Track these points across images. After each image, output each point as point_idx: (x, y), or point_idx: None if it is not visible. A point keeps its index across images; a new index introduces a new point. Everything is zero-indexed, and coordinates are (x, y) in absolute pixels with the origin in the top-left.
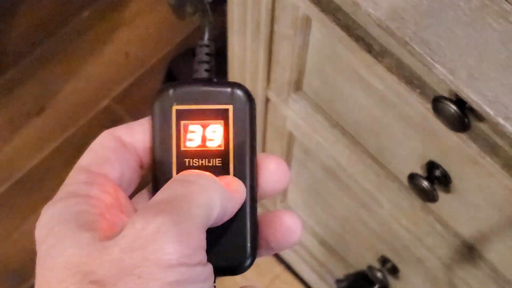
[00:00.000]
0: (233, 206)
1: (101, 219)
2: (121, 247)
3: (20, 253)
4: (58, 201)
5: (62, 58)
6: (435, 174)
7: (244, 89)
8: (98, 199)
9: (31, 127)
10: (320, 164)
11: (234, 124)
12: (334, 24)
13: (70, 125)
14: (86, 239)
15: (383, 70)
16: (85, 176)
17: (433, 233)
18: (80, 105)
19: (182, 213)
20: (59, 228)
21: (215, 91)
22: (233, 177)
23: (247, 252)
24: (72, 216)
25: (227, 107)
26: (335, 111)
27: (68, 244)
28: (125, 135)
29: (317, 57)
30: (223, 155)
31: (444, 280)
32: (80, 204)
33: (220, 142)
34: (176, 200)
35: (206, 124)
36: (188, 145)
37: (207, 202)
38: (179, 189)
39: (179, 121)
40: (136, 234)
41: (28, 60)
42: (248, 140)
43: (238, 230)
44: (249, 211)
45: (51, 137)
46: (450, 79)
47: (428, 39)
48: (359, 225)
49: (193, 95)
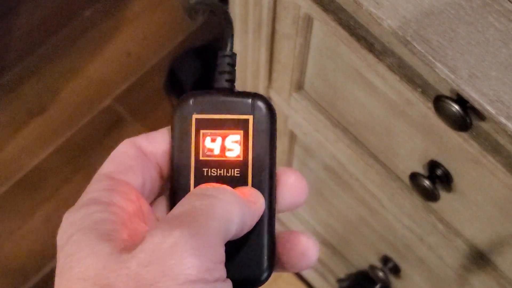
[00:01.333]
0: (252, 218)
1: (121, 229)
2: (139, 261)
3: (22, 252)
4: (79, 207)
5: (64, 57)
6: (436, 173)
7: (265, 100)
8: (120, 207)
9: (33, 126)
10: (322, 164)
11: (254, 134)
12: (335, 23)
13: (72, 124)
14: (104, 250)
15: (384, 69)
16: (108, 183)
17: (435, 233)
18: (82, 105)
19: (200, 226)
20: (78, 237)
21: (235, 101)
22: (251, 188)
23: (264, 265)
24: (92, 224)
25: (247, 117)
26: (337, 110)
27: (86, 254)
28: (145, 144)
29: (318, 56)
30: (242, 165)
31: (445, 279)
32: (102, 212)
33: (239, 152)
34: (194, 214)
35: (225, 134)
36: (207, 154)
37: (226, 216)
38: (197, 203)
39: (199, 130)
40: (154, 247)
41: (30, 59)
42: (268, 152)
43: (256, 242)
44: (267, 223)
45: (53, 136)
46: (452, 78)
47: (429, 38)
48: (361, 224)
49: (214, 104)
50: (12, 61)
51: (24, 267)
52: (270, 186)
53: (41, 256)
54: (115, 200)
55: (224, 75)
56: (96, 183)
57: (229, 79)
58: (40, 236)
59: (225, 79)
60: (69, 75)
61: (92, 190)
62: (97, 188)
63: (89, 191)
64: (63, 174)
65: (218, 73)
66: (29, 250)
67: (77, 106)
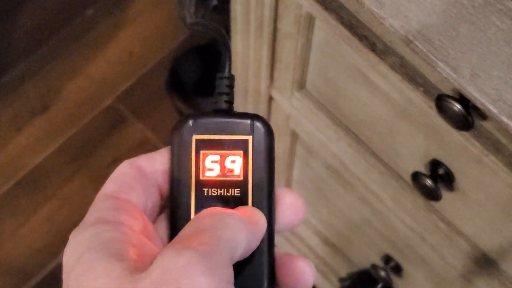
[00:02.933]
0: (256, 240)
1: (130, 248)
2: (152, 280)
3: (23, 251)
4: (87, 227)
5: (66, 57)
6: (438, 172)
7: (263, 121)
8: (128, 225)
9: (35, 125)
10: (323, 163)
11: (254, 155)
12: (337, 23)
13: (74, 123)
14: (117, 270)
15: (386, 69)
16: (113, 202)
17: (437, 232)
18: (83, 104)
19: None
20: (89, 256)
21: (235, 122)
22: (253, 207)
23: (264, 285)
24: (102, 244)
25: (246, 137)
26: (339, 110)
27: (99, 274)
28: (145, 165)
29: (320, 56)
30: (242, 185)
31: (447, 278)
32: (110, 232)
33: (239, 172)
34: (204, 235)
35: (225, 154)
36: (207, 174)
37: (234, 239)
38: (207, 225)
39: (199, 150)
40: (167, 267)
41: (32, 58)
42: (267, 172)
43: (256, 262)
44: (267, 243)
45: (55, 135)
46: (454, 77)
47: (431, 37)
48: (363, 223)
49: (213, 125)
50: (14, 60)
51: (26, 266)
52: (270, 206)
53: (42, 255)
54: (122, 219)
55: (223, 96)
56: (100, 203)
57: (227, 100)
58: (42, 235)
59: (224, 100)
60: (71, 74)
61: (98, 209)
62: (103, 207)
63: (94, 210)
64: (65, 173)
65: (217, 94)
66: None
67: (79, 105)
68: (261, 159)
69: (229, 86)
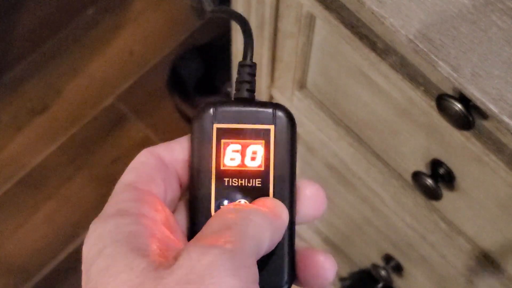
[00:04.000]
0: (279, 234)
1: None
2: (177, 278)
3: (24, 251)
4: (108, 218)
5: (66, 56)
6: (439, 172)
7: (286, 111)
8: (149, 217)
9: (35, 125)
10: (324, 162)
11: (275, 145)
12: (338, 22)
13: (74, 123)
14: (140, 266)
15: (387, 68)
16: (133, 193)
17: (437, 231)
18: (84, 103)
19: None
20: (111, 250)
21: (256, 111)
22: (275, 199)
23: (284, 278)
24: (124, 237)
25: (268, 127)
26: (339, 109)
27: (121, 269)
28: (164, 154)
29: (321, 55)
30: (263, 176)
31: (448, 278)
32: (133, 225)
33: (261, 162)
34: (230, 233)
35: (247, 144)
36: (228, 164)
37: (259, 236)
38: (232, 221)
39: (220, 139)
40: (192, 265)
41: (32, 57)
42: (289, 162)
43: (277, 255)
44: (288, 236)
45: (56, 134)
46: (454, 76)
47: (432, 36)
48: (363, 223)
49: (235, 114)
50: (15, 59)
51: (26, 265)
52: (291, 198)
53: (43, 255)
54: (144, 211)
55: (244, 84)
56: (121, 194)
57: (249, 89)
58: (43, 235)
59: (246, 89)
60: (71, 73)
61: (119, 200)
62: (124, 199)
63: (114, 201)
64: (66, 173)
65: (239, 82)
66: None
67: (80, 105)
68: (283, 149)
69: (251, 74)
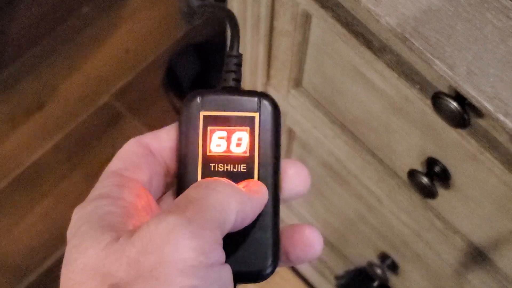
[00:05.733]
0: (254, 207)
1: (127, 221)
2: (137, 247)
3: (20, 249)
4: (89, 202)
5: (62, 54)
6: (434, 170)
7: (270, 99)
8: (129, 201)
9: (31, 123)
10: (320, 160)
11: (260, 131)
12: (334, 20)
13: (70, 121)
14: (106, 240)
15: (382, 66)
16: (116, 179)
17: (433, 229)
18: (80, 101)
19: (195, 212)
20: (84, 228)
21: (242, 99)
22: (254, 180)
23: (269, 260)
24: (98, 216)
25: (253, 114)
26: (335, 107)
27: (90, 245)
28: (152, 142)
29: (316, 53)
30: (248, 161)
31: (443, 276)
32: (109, 206)
33: (246, 148)
34: (189, 202)
35: (232, 131)
36: (214, 150)
37: (222, 205)
38: (193, 193)
39: (206, 126)
40: (150, 234)
41: (28, 55)
42: (274, 148)
43: (261, 236)
44: (272, 217)
45: (51, 132)
46: (450, 75)
47: (427, 35)
48: (359, 221)
49: (221, 102)
50: (10, 57)
51: (22, 263)
52: (275, 181)
53: (39, 253)
54: (124, 196)
55: (231, 74)
56: (104, 180)
57: (235, 78)
58: (38, 233)
59: (232, 78)
60: (67, 71)
61: (101, 186)
62: (106, 184)
63: (98, 187)
64: (61, 171)
65: (225, 72)
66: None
67: (76, 103)
68: (268, 135)
69: (237, 65)
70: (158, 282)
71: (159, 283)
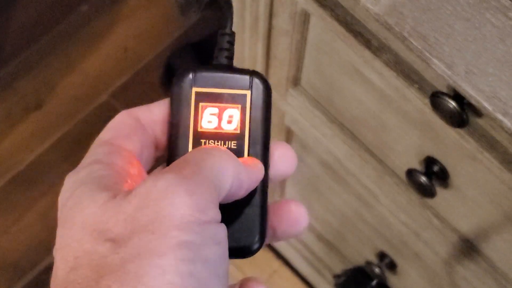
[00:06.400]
0: (250, 179)
1: (121, 183)
2: (134, 204)
3: (18, 247)
4: (81, 168)
5: (60, 53)
6: (433, 169)
7: (262, 77)
8: (122, 167)
9: (30, 121)
10: (318, 159)
11: (251, 109)
12: (332, 19)
13: (68, 119)
14: (103, 198)
15: (381, 65)
16: (108, 148)
17: (431, 228)
18: (78, 100)
19: (192, 171)
20: (80, 190)
21: (234, 77)
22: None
23: (256, 236)
24: (93, 179)
25: (245, 92)
26: (333, 106)
27: (86, 204)
28: (143, 115)
29: (315, 52)
30: (238, 138)
31: (441, 275)
32: (103, 170)
33: (237, 125)
34: (187, 163)
35: (224, 107)
36: (205, 126)
37: (218, 168)
38: (191, 156)
39: (198, 102)
40: (147, 191)
41: (26, 54)
42: (264, 126)
43: (249, 213)
44: (261, 195)
45: (50, 131)
46: (448, 74)
47: (426, 34)
48: (357, 220)
49: (213, 79)
50: (9, 56)
51: (20, 262)
52: (265, 159)
53: (37, 252)
54: (117, 161)
55: (223, 52)
56: (96, 148)
57: (228, 56)
58: (36, 232)
59: (224, 56)
60: (65, 70)
61: (93, 154)
62: (98, 152)
63: (89, 155)
64: (60, 170)
65: (218, 50)
66: (25, 246)
67: (74, 101)
68: (259, 113)
69: (230, 43)
70: (154, 236)
71: (155, 237)
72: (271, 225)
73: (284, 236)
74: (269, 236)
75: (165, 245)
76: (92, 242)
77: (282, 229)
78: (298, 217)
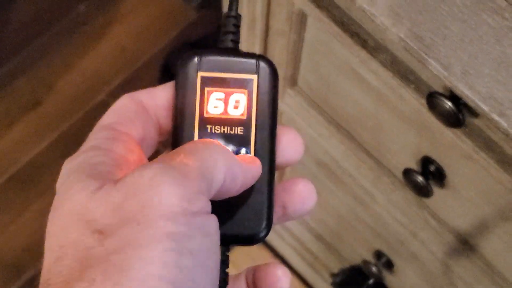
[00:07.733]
0: (245, 175)
1: (116, 171)
2: (121, 194)
3: (16, 247)
4: (79, 154)
5: (58, 52)
6: (429, 169)
7: (269, 61)
8: (120, 154)
9: (27, 120)
10: (315, 159)
11: (258, 94)
12: (329, 20)
13: (66, 119)
14: (92, 187)
15: (377, 66)
16: (109, 132)
17: (428, 228)
18: (76, 99)
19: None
20: (73, 177)
21: (240, 61)
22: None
23: (263, 223)
24: (87, 166)
25: (252, 77)
26: (330, 107)
27: (76, 191)
28: (146, 99)
29: (312, 53)
30: (245, 124)
31: (438, 274)
32: (100, 156)
33: (243, 111)
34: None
35: (230, 92)
36: (211, 111)
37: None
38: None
39: (204, 87)
40: (135, 180)
41: (24, 53)
42: (270, 112)
43: (256, 201)
44: (268, 182)
45: (48, 130)
46: (445, 74)
47: (422, 35)
48: (354, 220)
49: (219, 63)
50: (7, 55)
51: (17, 262)
52: (271, 145)
53: (34, 251)
54: (116, 148)
55: (229, 35)
56: (97, 133)
57: (233, 39)
58: (34, 231)
59: (230, 39)
60: (63, 69)
61: (93, 138)
62: (98, 137)
63: (89, 140)
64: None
65: (224, 33)
66: (23, 245)
67: (72, 101)
68: (265, 99)
69: (236, 25)
70: (141, 227)
71: (141, 228)
72: (281, 204)
73: (295, 215)
74: (279, 216)
75: (151, 236)
76: (78, 232)
77: (293, 207)
78: (308, 195)
